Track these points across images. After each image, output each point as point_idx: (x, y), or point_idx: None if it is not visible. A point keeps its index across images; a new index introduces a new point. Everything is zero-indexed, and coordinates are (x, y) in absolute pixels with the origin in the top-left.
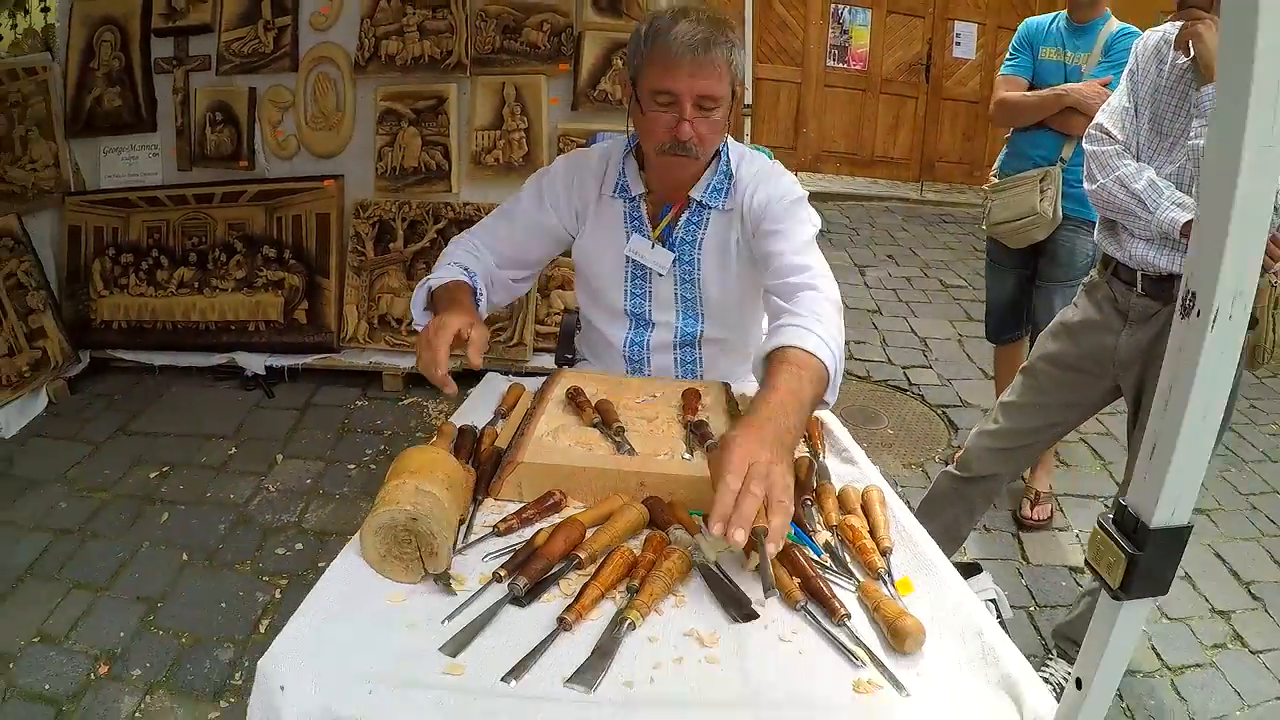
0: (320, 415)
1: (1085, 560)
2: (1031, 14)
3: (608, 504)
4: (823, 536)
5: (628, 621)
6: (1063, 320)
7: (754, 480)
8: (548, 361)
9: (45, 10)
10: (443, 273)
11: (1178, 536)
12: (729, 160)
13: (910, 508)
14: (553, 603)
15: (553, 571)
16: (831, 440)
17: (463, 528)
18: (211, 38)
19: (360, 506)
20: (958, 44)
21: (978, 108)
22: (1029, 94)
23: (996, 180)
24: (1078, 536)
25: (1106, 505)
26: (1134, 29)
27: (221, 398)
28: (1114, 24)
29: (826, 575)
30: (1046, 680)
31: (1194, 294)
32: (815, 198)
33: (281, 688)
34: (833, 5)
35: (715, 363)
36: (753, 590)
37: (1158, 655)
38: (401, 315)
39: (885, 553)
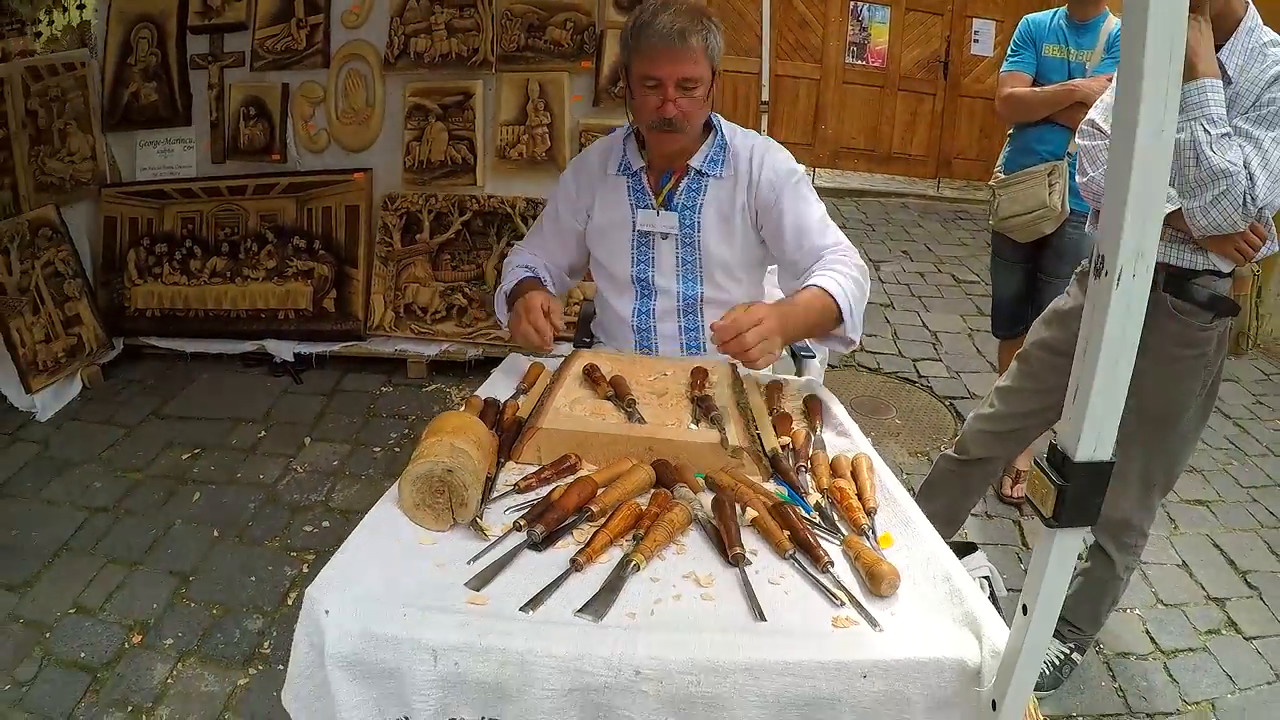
0: (347, 401)
1: (1023, 493)
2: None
3: (618, 466)
4: (814, 498)
5: (633, 563)
6: (1055, 308)
7: (750, 327)
8: (567, 349)
9: (81, 8)
10: (510, 277)
11: (1100, 470)
12: (723, 134)
13: (912, 492)
14: (566, 549)
15: (567, 522)
16: (829, 417)
17: (488, 485)
18: (246, 35)
19: (385, 487)
20: (976, 41)
21: (993, 105)
22: (1039, 89)
23: (1003, 176)
24: None
25: None
26: None
27: (251, 383)
28: (1113, 21)
29: (815, 530)
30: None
31: (1103, 257)
32: (832, 194)
33: (326, 612)
34: (852, 3)
35: None
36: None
37: (1151, 639)
38: (426, 304)
39: (870, 512)
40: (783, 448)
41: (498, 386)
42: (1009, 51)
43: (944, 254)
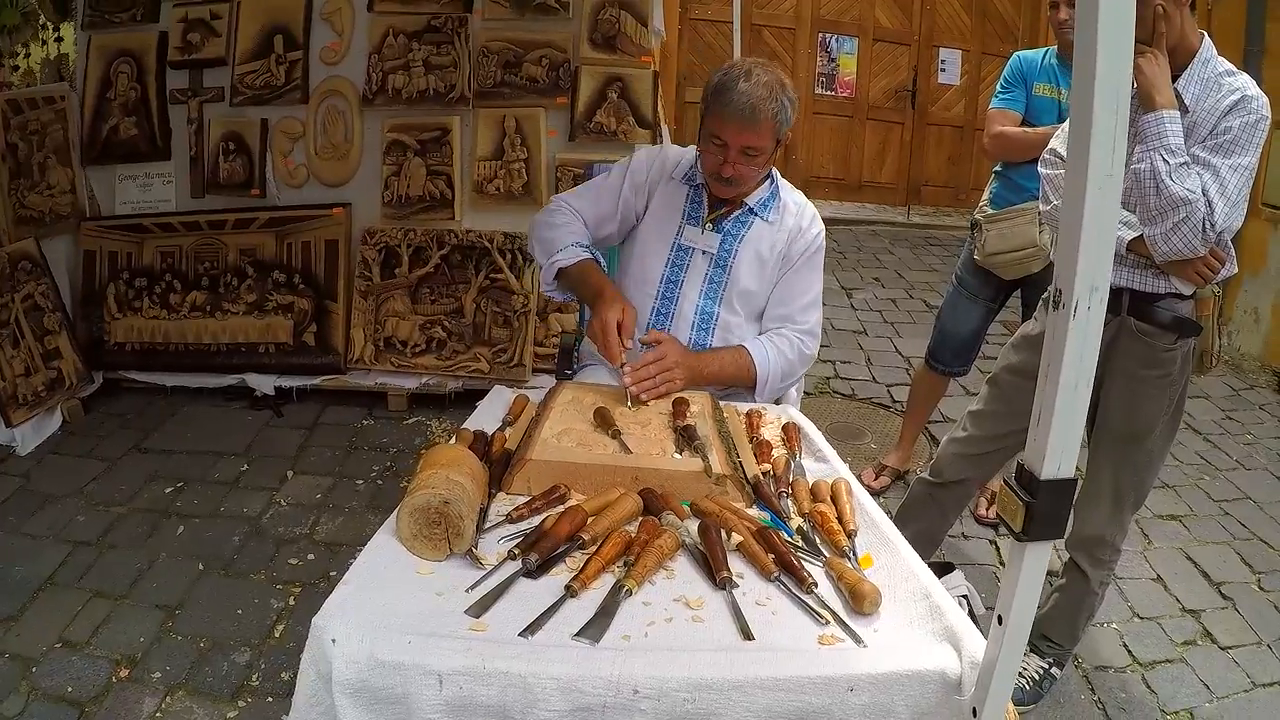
0: (328, 434)
1: (996, 513)
2: (1014, 41)
3: (607, 495)
4: (796, 522)
5: (625, 588)
6: (1024, 333)
7: (661, 369)
8: (546, 381)
9: (59, 40)
10: (567, 254)
11: (1064, 487)
12: (777, 183)
13: (889, 514)
14: (560, 575)
15: (560, 550)
16: (807, 442)
17: (481, 515)
18: (225, 71)
19: (368, 519)
20: (942, 70)
21: (962, 132)
22: (1029, 130)
23: (991, 211)
24: (1056, 544)
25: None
26: None
27: (232, 417)
28: None
29: (798, 553)
30: (1020, 674)
31: (1060, 290)
32: None
33: (333, 640)
34: (820, 34)
35: (721, 345)
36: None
37: (1129, 652)
38: (406, 338)
39: (851, 534)
40: (764, 474)
41: (484, 418)
42: (999, 88)
43: (915, 280)
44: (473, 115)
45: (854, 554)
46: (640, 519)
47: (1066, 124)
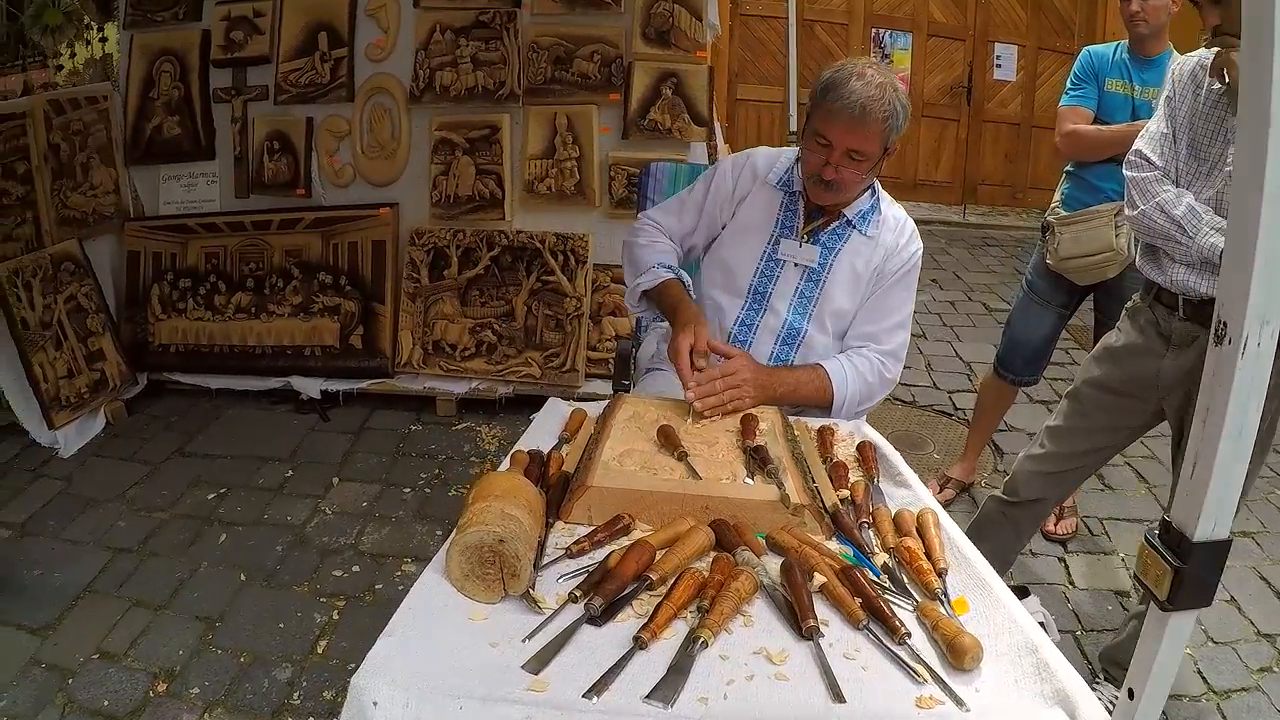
0: (375, 439)
1: (1133, 574)
2: (1071, 36)
3: (675, 527)
4: (881, 558)
5: (700, 640)
6: (1106, 345)
7: (728, 385)
8: (600, 387)
9: (104, 40)
10: (649, 275)
11: (1219, 549)
12: (878, 195)
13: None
14: (627, 622)
15: (626, 591)
16: (885, 464)
17: (539, 549)
18: (269, 69)
19: (416, 529)
20: (998, 66)
21: (1019, 129)
22: (1105, 129)
23: (1064, 213)
24: (1123, 560)
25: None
26: None
27: (277, 421)
28: (1179, 58)
29: (886, 596)
30: None
31: (1225, 323)
32: None
33: (374, 703)
34: (874, 30)
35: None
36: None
37: (1204, 679)
38: (455, 341)
39: (941, 573)
40: (842, 501)
41: (539, 436)
42: (1069, 84)
43: (973, 281)
44: (523, 112)
45: (946, 597)
46: (712, 555)
47: (1151, 123)
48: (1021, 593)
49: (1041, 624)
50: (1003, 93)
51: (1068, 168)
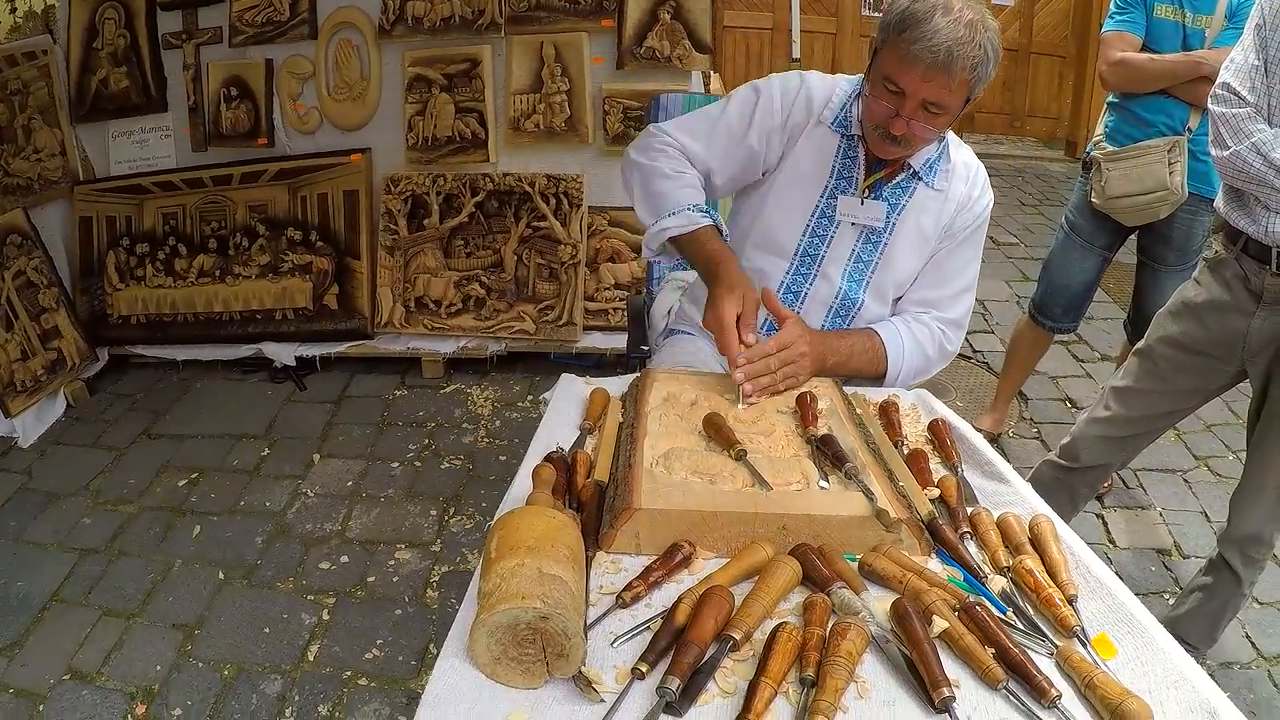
0: (357, 408)
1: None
2: None
3: (750, 557)
4: (997, 583)
5: None
6: (1185, 299)
7: (783, 362)
8: (599, 341)
9: None
10: (681, 218)
11: None
12: (947, 140)
13: None
14: (711, 703)
15: (705, 660)
16: (968, 449)
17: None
18: (222, 8)
19: (407, 510)
20: None
21: (1016, 56)
22: (1158, 57)
23: (1110, 148)
24: (1161, 514)
25: (1187, 480)
26: None
27: (250, 392)
28: None
29: (1020, 640)
30: None
31: None
32: None
33: None
34: None
35: None
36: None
37: (1253, 644)
38: (439, 297)
39: (1071, 600)
40: (931, 502)
41: (555, 426)
42: (1114, 7)
43: None
44: (505, 43)
45: (1085, 636)
46: (799, 595)
47: (1237, 52)
48: None
49: None
50: (1001, 17)
51: (1110, 99)
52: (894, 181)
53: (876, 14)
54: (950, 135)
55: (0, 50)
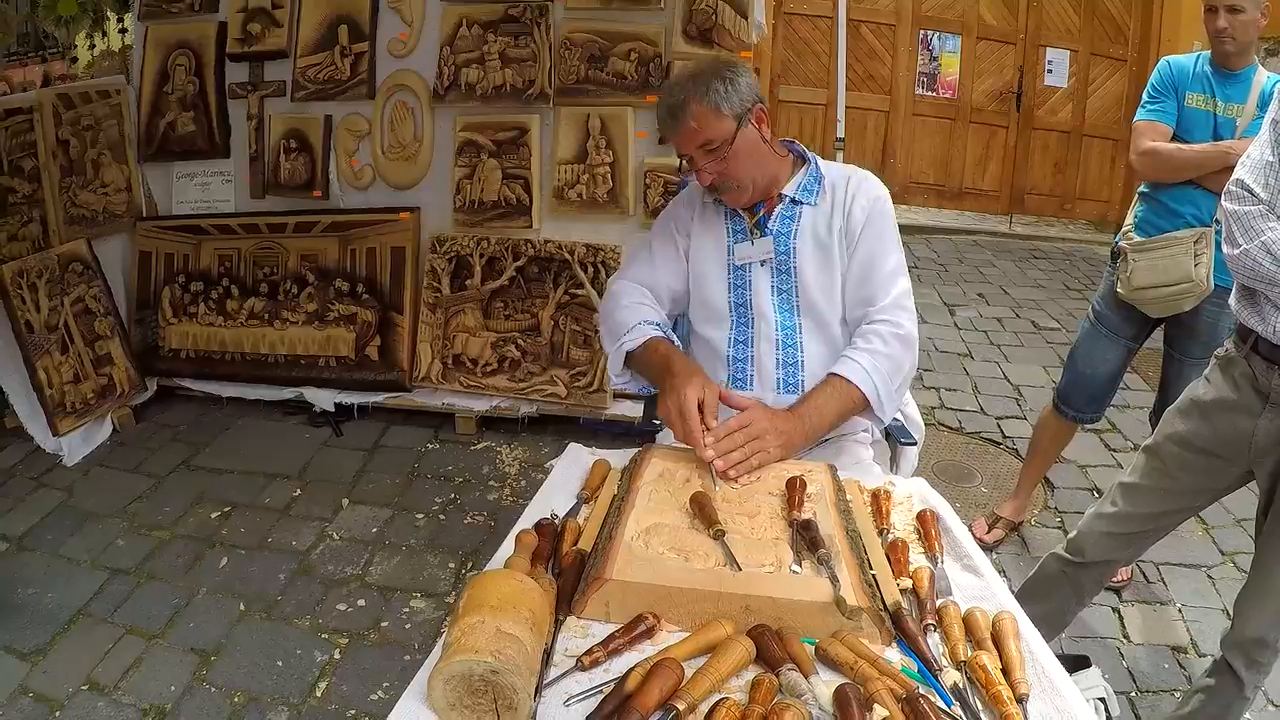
0: (389, 457)
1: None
2: (1125, 42)
3: (708, 634)
4: (950, 677)
5: None
6: (1193, 397)
7: (749, 438)
8: (628, 409)
9: (123, 31)
10: (635, 335)
11: None
12: (817, 165)
13: (1007, 580)
14: None
15: None
16: (951, 541)
17: (545, 658)
18: (286, 64)
19: (427, 561)
20: (1050, 71)
21: (1069, 138)
22: (1188, 147)
23: (1137, 238)
24: (1180, 610)
25: (1210, 576)
26: None
27: (288, 433)
28: (1264, 74)
29: None
30: None
31: None
32: (902, 230)
33: None
34: (921, 31)
35: (815, 362)
36: None
37: None
38: (476, 356)
39: (1021, 700)
40: (903, 593)
41: (555, 493)
42: (1146, 96)
43: (1021, 297)
44: (553, 114)
45: None
46: (750, 673)
47: (1254, 148)
48: (1082, 662)
49: (1102, 700)
50: (1054, 99)
51: (1141, 189)
52: (775, 213)
53: (930, 93)
54: (820, 162)
55: (77, 86)
